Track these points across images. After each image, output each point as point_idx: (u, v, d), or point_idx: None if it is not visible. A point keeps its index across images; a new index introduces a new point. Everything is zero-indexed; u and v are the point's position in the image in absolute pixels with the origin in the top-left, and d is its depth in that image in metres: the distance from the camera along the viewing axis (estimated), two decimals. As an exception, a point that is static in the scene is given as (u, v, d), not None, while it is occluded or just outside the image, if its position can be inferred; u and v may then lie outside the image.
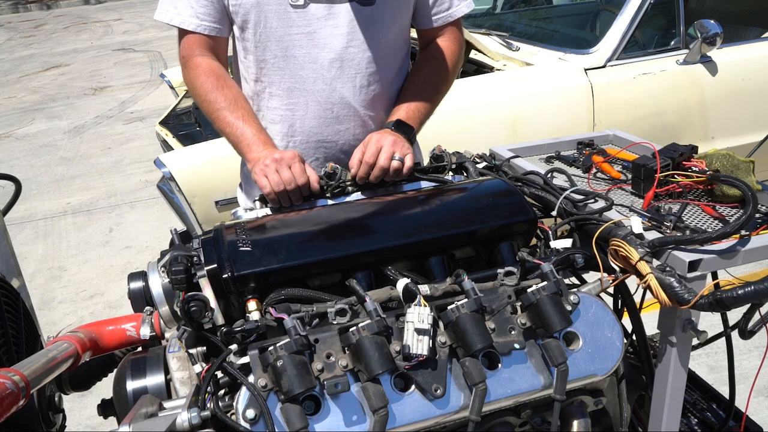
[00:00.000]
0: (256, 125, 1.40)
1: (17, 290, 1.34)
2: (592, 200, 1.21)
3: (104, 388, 1.13)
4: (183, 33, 1.49)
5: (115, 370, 1.06)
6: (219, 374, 0.95)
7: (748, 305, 1.04)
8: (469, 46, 3.24)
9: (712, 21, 2.92)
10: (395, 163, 1.31)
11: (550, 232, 1.16)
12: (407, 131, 1.44)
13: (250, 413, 0.87)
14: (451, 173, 1.38)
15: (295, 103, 1.51)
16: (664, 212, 1.14)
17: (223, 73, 1.47)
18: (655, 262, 1.03)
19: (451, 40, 1.62)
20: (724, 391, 1.50)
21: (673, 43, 3.19)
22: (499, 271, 1.05)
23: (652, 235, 1.06)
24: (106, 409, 1.06)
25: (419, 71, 1.61)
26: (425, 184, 1.34)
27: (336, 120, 1.53)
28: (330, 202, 1.28)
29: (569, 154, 1.51)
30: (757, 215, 1.13)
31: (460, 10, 1.59)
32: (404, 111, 1.49)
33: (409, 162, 1.33)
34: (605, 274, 1.08)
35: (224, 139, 1.46)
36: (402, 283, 0.98)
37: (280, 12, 1.42)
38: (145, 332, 1.09)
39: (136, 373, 1.01)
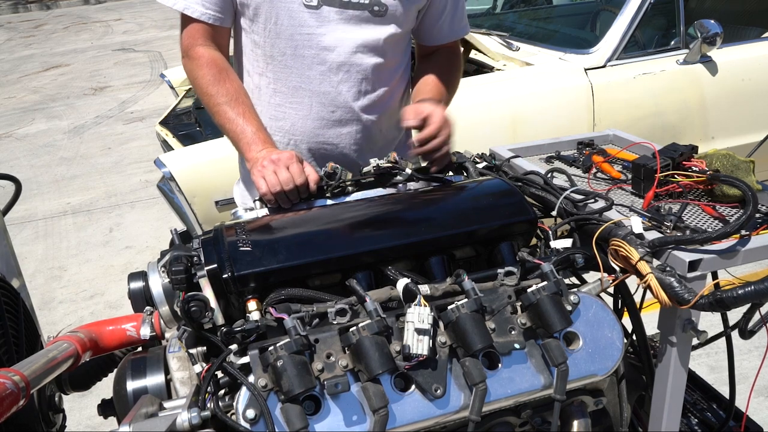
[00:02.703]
0: (256, 123, 1.39)
1: (17, 290, 1.34)
2: (592, 200, 1.21)
3: (104, 388, 1.13)
4: (186, 21, 1.46)
5: (115, 370, 1.05)
6: (219, 374, 0.95)
7: (748, 305, 1.04)
8: (469, 46, 3.24)
9: (712, 21, 2.92)
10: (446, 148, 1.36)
11: (550, 232, 1.16)
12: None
13: (250, 413, 0.87)
14: (451, 173, 1.38)
15: (299, 102, 1.51)
16: (664, 212, 1.14)
17: (225, 66, 1.46)
18: (655, 262, 1.03)
19: (455, 51, 1.68)
20: (724, 391, 1.50)
21: (673, 43, 3.19)
22: (499, 271, 1.05)
23: (652, 235, 1.06)
24: (106, 409, 1.06)
25: (430, 71, 1.62)
26: (425, 184, 1.34)
27: (338, 123, 1.53)
28: (330, 202, 1.28)
29: (569, 154, 1.51)
30: (757, 215, 1.13)
31: (463, 31, 1.67)
32: (433, 95, 1.52)
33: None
34: (605, 274, 1.08)
35: (223, 135, 1.45)
36: (402, 283, 0.98)
37: (292, 10, 1.42)
38: (145, 332, 1.09)
39: (136, 373, 1.01)
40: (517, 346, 0.98)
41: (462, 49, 1.81)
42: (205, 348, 1.02)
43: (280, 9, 1.42)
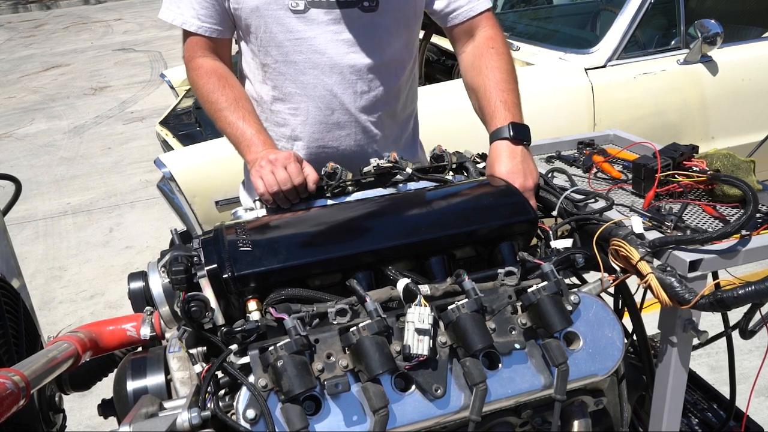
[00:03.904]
0: (256, 125, 1.40)
1: (17, 290, 1.34)
2: (593, 200, 1.21)
3: (104, 388, 1.13)
4: (186, 34, 1.50)
5: (116, 370, 1.05)
6: (219, 374, 0.95)
7: (748, 305, 1.04)
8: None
9: (712, 21, 2.92)
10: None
11: (550, 232, 1.16)
12: (526, 133, 1.35)
13: (251, 413, 0.87)
14: (451, 173, 1.38)
15: (297, 108, 1.51)
16: (664, 212, 1.14)
17: (226, 73, 1.47)
18: (656, 262, 1.03)
19: (490, 27, 1.53)
20: (725, 391, 1.50)
21: (673, 42, 3.19)
22: (500, 271, 1.05)
23: (652, 235, 1.06)
24: (106, 409, 1.06)
25: (484, 65, 1.46)
26: (425, 184, 1.34)
27: (337, 125, 1.52)
28: (330, 202, 1.28)
29: (570, 154, 1.51)
30: (758, 215, 1.13)
31: (482, 4, 1.52)
32: (505, 106, 1.38)
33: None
34: (606, 274, 1.08)
35: (226, 139, 1.46)
36: (402, 283, 0.98)
37: (279, 17, 1.42)
38: (146, 332, 1.09)
39: (137, 373, 1.01)
40: (517, 346, 0.98)
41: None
42: (205, 348, 1.02)
43: (268, 18, 1.42)
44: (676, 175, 1.22)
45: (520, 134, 1.35)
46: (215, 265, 1.02)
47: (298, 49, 1.44)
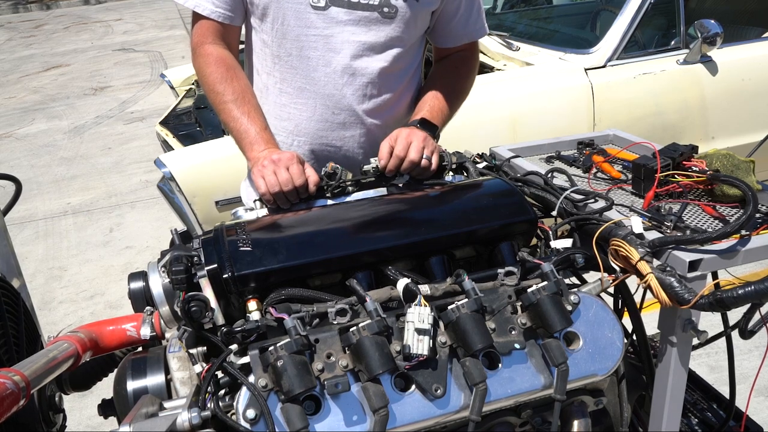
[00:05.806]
0: (260, 123, 1.39)
1: (18, 290, 1.34)
2: (593, 200, 1.21)
3: (105, 388, 1.13)
4: (196, 18, 1.48)
5: (116, 370, 1.06)
6: (219, 374, 0.95)
7: (748, 305, 1.04)
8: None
9: (712, 21, 2.92)
10: (424, 162, 1.33)
11: (550, 232, 1.16)
12: (432, 129, 1.45)
13: (251, 413, 0.87)
14: (451, 173, 1.38)
15: (304, 104, 1.51)
16: (664, 212, 1.14)
17: (234, 64, 1.46)
18: (656, 262, 1.03)
19: (470, 53, 1.66)
20: (725, 391, 1.50)
21: (673, 42, 3.19)
22: (500, 271, 1.05)
23: (652, 235, 1.06)
24: (106, 409, 1.06)
25: (441, 77, 1.62)
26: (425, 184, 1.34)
27: (342, 126, 1.52)
28: (330, 202, 1.28)
29: (569, 154, 1.51)
30: (758, 215, 1.13)
31: (478, 33, 1.63)
32: (428, 111, 1.50)
33: (435, 161, 1.35)
34: (605, 274, 1.08)
35: (228, 134, 1.45)
36: (402, 283, 0.98)
37: (299, 11, 1.41)
38: (146, 332, 1.09)
39: (137, 373, 1.01)
40: (517, 346, 0.98)
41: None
42: (205, 348, 1.02)
43: (287, 9, 1.42)
44: (675, 175, 1.22)
45: (425, 127, 1.43)
46: (215, 265, 1.02)
47: (314, 45, 1.44)
